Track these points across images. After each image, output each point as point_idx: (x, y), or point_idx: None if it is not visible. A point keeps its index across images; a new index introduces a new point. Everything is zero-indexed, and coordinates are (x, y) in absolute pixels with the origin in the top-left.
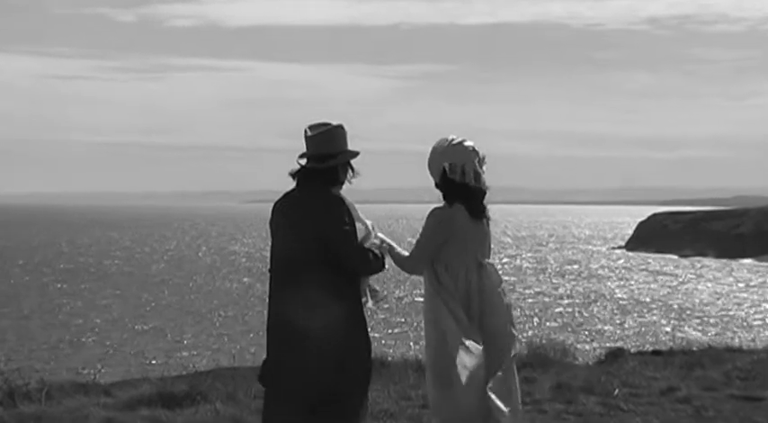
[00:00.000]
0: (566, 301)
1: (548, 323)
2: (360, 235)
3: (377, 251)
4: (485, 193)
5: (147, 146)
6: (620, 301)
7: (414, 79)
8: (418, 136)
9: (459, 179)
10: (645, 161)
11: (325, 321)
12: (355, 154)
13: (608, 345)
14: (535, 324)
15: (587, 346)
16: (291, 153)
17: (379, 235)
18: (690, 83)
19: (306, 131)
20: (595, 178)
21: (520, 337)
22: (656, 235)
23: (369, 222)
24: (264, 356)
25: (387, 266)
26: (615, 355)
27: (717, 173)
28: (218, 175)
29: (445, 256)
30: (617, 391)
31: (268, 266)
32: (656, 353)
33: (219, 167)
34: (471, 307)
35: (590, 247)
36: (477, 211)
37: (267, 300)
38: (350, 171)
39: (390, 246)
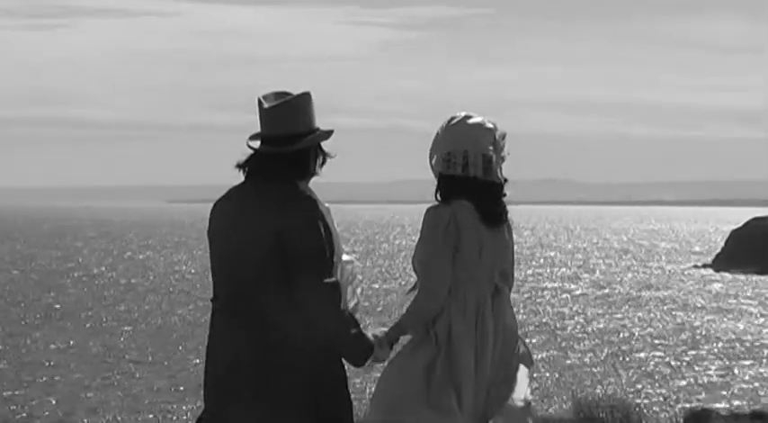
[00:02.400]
0: (636, 344)
1: (611, 374)
2: (340, 265)
3: (369, 335)
4: (501, 188)
5: (33, 122)
6: (712, 342)
7: (417, 29)
8: (421, 109)
9: (462, 172)
10: (741, 143)
11: (293, 360)
12: (328, 134)
13: (691, 405)
14: (594, 376)
15: (662, 408)
16: (239, 133)
17: (382, 329)
18: None
19: (260, 102)
20: (671, 168)
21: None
22: (757, 248)
23: (348, 257)
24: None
25: (366, 363)
26: (699, 417)
27: None
28: (136, 163)
29: None
30: None
31: (211, 293)
32: (756, 416)
33: (136, 153)
34: (484, 352)
35: (669, 265)
36: (493, 214)
37: (207, 339)
38: (320, 158)
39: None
